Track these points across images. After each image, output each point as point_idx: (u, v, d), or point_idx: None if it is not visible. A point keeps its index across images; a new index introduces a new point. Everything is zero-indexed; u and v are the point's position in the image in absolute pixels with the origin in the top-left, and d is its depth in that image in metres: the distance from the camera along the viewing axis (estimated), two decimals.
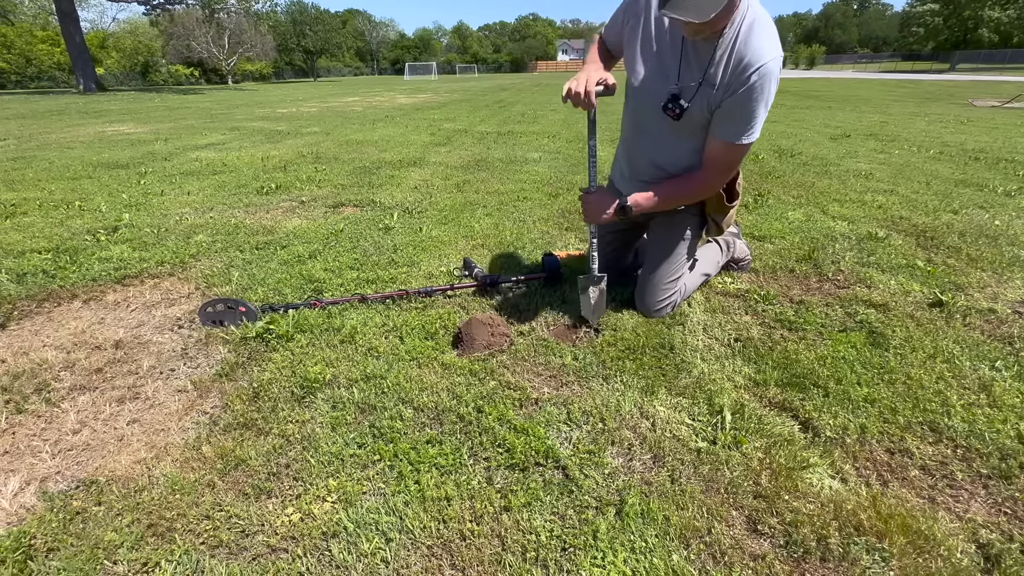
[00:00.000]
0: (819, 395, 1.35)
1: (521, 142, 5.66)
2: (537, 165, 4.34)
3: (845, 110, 9.46)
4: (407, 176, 3.98)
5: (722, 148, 1.46)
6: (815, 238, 2.52)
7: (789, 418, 1.27)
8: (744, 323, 1.73)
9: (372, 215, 2.96)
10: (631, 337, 1.62)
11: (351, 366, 1.49)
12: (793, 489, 1.06)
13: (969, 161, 4.51)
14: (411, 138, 6.11)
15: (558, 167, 4.25)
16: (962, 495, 1.06)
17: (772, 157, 4.68)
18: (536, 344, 1.59)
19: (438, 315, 1.75)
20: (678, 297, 1.74)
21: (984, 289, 1.97)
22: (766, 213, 2.95)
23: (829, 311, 1.80)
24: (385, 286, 2.01)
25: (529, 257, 2.31)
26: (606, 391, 1.37)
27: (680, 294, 1.74)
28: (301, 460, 1.15)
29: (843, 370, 1.44)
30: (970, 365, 1.48)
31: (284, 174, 4.11)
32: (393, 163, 4.50)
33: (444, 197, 3.34)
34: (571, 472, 1.11)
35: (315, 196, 3.41)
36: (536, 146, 5.36)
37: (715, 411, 1.29)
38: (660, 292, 1.70)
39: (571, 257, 2.22)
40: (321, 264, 2.23)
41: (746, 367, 1.48)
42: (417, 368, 1.47)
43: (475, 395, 1.35)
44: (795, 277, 2.10)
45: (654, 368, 1.47)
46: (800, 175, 3.93)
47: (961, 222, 2.79)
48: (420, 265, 2.22)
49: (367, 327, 1.69)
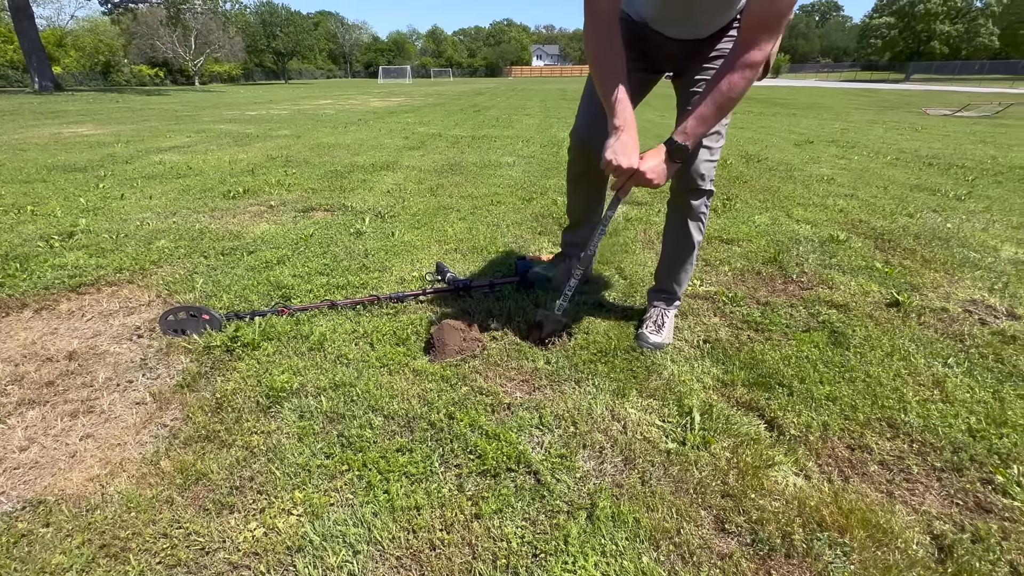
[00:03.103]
0: (784, 394, 1.38)
1: (495, 146, 5.66)
2: (511, 169, 4.34)
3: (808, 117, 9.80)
4: (380, 180, 3.93)
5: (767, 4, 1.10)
6: (780, 241, 2.58)
7: (755, 417, 1.30)
8: (712, 324, 1.76)
9: (343, 219, 2.91)
10: (603, 340, 1.63)
11: (319, 374, 1.46)
12: (759, 487, 1.08)
13: (923, 167, 4.72)
14: (384, 142, 6.05)
15: (532, 171, 4.26)
16: (918, 488, 1.10)
17: (740, 162, 4.80)
18: (509, 348, 1.58)
19: (410, 321, 1.73)
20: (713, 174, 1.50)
21: (937, 289, 2.06)
22: (734, 217, 3.01)
23: (793, 312, 1.85)
24: (356, 292, 1.97)
25: (502, 261, 2.30)
26: (578, 394, 1.38)
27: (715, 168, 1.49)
28: (266, 472, 1.12)
29: (806, 369, 1.48)
30: (924, 362, 1.54)
31: (252, 178, 4.01)
32: (365, 167, 4.45)
33: (417, 201, 3.31)
34: (543, 477, 1.10)
35: (284, 200, 3.34)
36: (510, 150, 5.36)
37: (685, 412, 1.30)
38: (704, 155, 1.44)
39: (544, 260, 2.22)
40: (290, 270, 2.18)
41: (714, 368, 1.50)
42: (388, 375, 1.45)
43: (447, 401, 1.34)
44: (761, 279, 2.15)
45: (625, 371, 1.48)
46: (766, 180, 4.03)
47: (916, 225, 2.91)
48: (392, 270, 2.19)
49: (336, 334, 1.65)
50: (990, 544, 0.97)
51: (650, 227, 2.81)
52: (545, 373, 1.47)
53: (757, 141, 6.25)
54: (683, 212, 1.57)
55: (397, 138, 6.36)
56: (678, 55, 1.44)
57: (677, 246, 1.65)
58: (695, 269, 2.20)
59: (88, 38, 36.19)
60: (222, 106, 12.43)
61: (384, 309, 1.82)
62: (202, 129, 7.37)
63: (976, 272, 2.23)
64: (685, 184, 1.51)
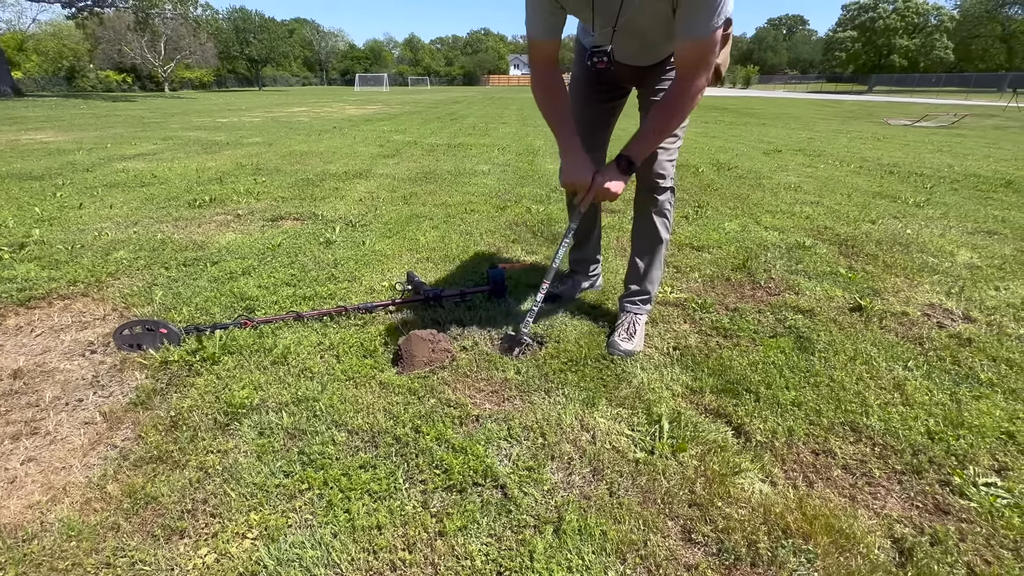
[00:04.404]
0: (751, 400, 1.39)
1: (471, 154, 5.66)
2: (486, 177, 4.34)
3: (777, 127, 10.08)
4: (352, 188, 3.89)
5: (693, 47, 1.25)
6: (749, 247, 2.64)
7: (723, 424, 1.31)
8: (682, 331, 1.77)
9: (313, 228, 2.87)
10: (574, 349, 1.63)
11: (282, 389, 1.41)
12: (726, 495, 1.08)
13: (885, 175, 4.89)
14: (358, 150, 5.99)
15: (507, 179, 4.26)
16: (879, 491, 1.12)
17: (711, 170, 4.90)
18: (479, 359, 1.57)
19: (378, 332, 1.70)
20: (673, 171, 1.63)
21: (898, 293, 2.12)
22: (704, 224, 3.06)
23: (761, 317, 1.88)
24: (323, 302, 1.93)
25: (475, 270, 2.29)
26: (547, 405, 1.37)
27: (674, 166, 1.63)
28: (220, 494, 1.07)
29: (773, 375, 1.50)
30: (886, 366, 1.57)
31: (220, 186, 3.91)
32: (338, 175, 4.39)
33: (390, 210, 3.28)
34: (510, 491, 1.08)
35: (252, 209, 3.27)
36: (486, 158, 5.37)
37: (654, 420, 1.30)
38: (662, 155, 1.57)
39: (516, 268, 2.22)
40: (255, 280, 2.12)
41: (683, 375, 1.51)
42: (353, 388, 1.42)
43: (413, 415, 1.31)
44: (731, 285, 2.18)
45: (595, 379, 1.48)
46: (736, 187, 4.12)
47: (878, 231, 3.00)
48: (362, 280, 2.16)
49: (301, 346, 1.61)
50: (948, 546, 0.99)
51: (623, 234, 2.83)
52: (515, 383, 1.46)
53: (728, 150, 6.39)
54: (647, 210, 1.67)
55: (372, 146, 6.32)
56: (635, 75, 1.60)
57: (645, 244, 1.72)
58: (665, 275, 2.22)
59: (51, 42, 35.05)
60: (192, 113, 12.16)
61: (352, 320, 1.79)
62: (170, 136, 7.18)
63: (934, 276, 2.30)
64: (647, 183, 1.64)
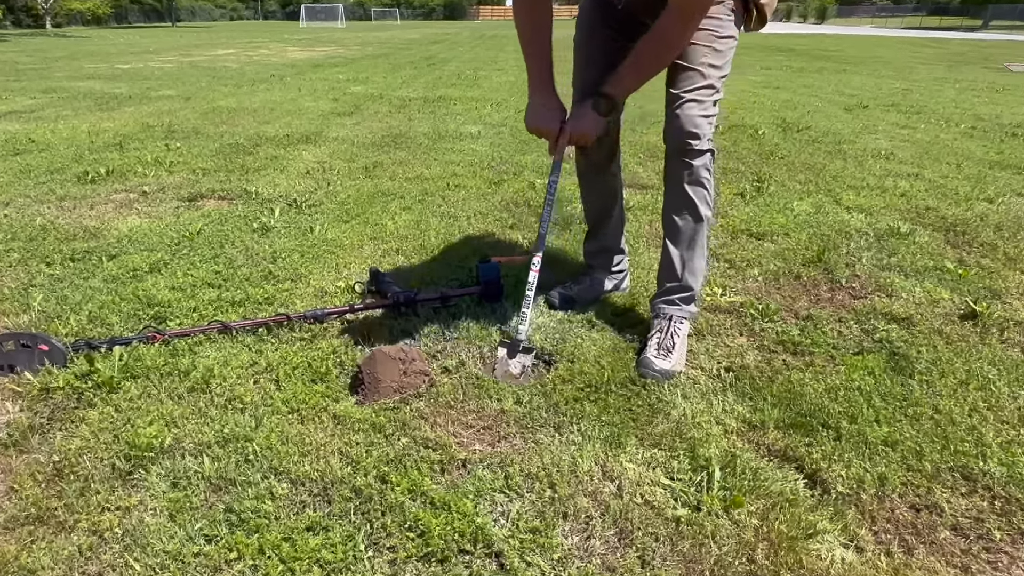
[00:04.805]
0: (829, 438, 1.38)
1: (455, 112, 5.67)
2: (475, 142, 4.35)
3: (862, 74, 10.12)
4: (297, 157, 3.90)
5: None
6: (826, 235, 2.64)
7: (792, 470, 1.30)
8: (737, 347, 1.77)
9: (245, 210, 2.88)
10: (593, 370, 1.62)
11: (203, 425, 1.41)
12: (797, 565, 1.08)
13: (1006, 138, 4.91)
14: (305, 106, 6.00)
15: (503, 145, 4.27)
16: (1001, 560, 1.11)
17: (775, 132, 4.91)
18: (466, 384, 1.57)
19: (332, 348, 1.70)
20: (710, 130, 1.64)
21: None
22: (767, 204, 3.07)
23: (842, 328, 1.88)
24: (258, 310, 1.94)
25: (461, 265, 2.29)
26: (558, 445, 1.36)
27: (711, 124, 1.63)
28: (120, 566, 1.07)
29: (858, 404, 1.49)
30: (1008, 392, 1.56)
31: (120, 154, 3.92)
32: (278, 139, 4.41)
33: (347, 185, 3.29)
34: (508, 560, 1.08)
35: (164, 185, 3.28)
36: (475, 117, 5.38)
37: (699, 466, 1.29)
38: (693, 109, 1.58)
39: (515, 263, 2.21)
40: (167, 280, 2.13)
41: (739, 405, 1.50)
42: (299, 424, 1.42)
43: (379, 459, 1.30)
44: (802, 285, 2.19)
45: (622, 411, 1.48)
46: (808, 155, 4.13)
47: (998, 213, 3.01)
48: (309, 279, 2.17)
49: (229, 368, 1.62)
50: None
51: (658, 218, 2.83)
52: (514, 417, 1.45)
53: (797, 105, 6.42)
54: (679, 180, 1.66)
55: (323, 100, 6.33)
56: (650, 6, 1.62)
57: (679, 225, 1.71)
58: (713, 269, 2.22)
59: None
60: (83, 56, 12.16)
61: (297, 333, 1.79)
62: (53, 88, 7.18)
63: None
64: (675, 145, 1.63)
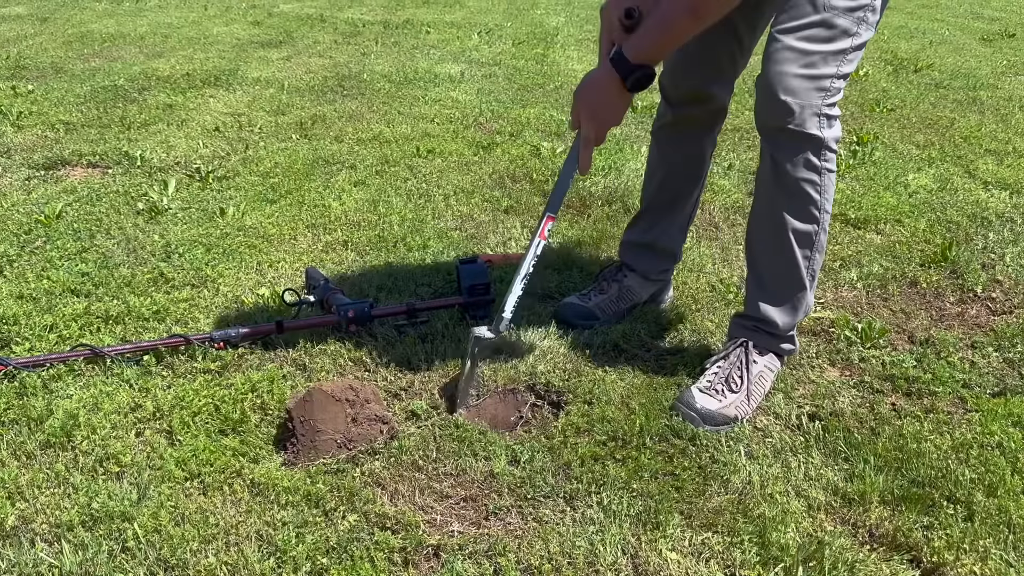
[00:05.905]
0: (957, 518, 1.20)
1: (428, 43, 5.19)
2: (456, 88, 3.91)
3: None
4: (201, 107, 3.50)
5: None
6: (954, 222, 2.38)
7: (905, 563, 1.13)
8: (827, 384, 1.56)
9: (125, 184, 2.57)
10: (619, 416, 1.41)
11: (62, 497, 1.21)
12: None
13: None
14: (213, 31, 5.42)
15: (496, 91, 3.87)
16: None
17: (883, 73, 4.50)
18: (440, 435, 1.37)
19: (249, 385, 1.49)
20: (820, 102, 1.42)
21: None
22: (871, 176, 2.74)
23: (976, 358, 1.68)
24: (144, 328, 1.73)
25: (435, 263, 2.09)
26: (569, 525, 1.17)
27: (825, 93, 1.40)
28: None
29: (999, 470, 1.30)
30: None
31: None
32: (174, 81, 3.98)
33: (274, 149, 2.93)
34: None
35: (8, 146, 2.92)
36: (456, 51, 4.90)
37: (772, 557, 1.11)
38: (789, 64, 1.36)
39: (511, 262, 2.01)
40: (12, 286, 1.88)
41: (829, 469, 1.31)
42: (200, 495, 1.22)
43: (315, 547, 1.11)
44: (918, 294, 1.96)
45: (660, 476, 1.29)
46: (930, 106, 3.69)
47: None
48: (218, 284, 1.93)
49: (101, 414, 1.40)
50: None
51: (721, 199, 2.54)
52: (508, 483, 1.25)
53: (916, 33, 5.74)
54: (768, 174, 1.48)
55: (239, 24, 5.72)
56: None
57: (763, 235, 1.55)
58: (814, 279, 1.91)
59: None
60: None
61: (200, 363, 1.57)
62: None
63: None
64: (764, 119, 1.44)
